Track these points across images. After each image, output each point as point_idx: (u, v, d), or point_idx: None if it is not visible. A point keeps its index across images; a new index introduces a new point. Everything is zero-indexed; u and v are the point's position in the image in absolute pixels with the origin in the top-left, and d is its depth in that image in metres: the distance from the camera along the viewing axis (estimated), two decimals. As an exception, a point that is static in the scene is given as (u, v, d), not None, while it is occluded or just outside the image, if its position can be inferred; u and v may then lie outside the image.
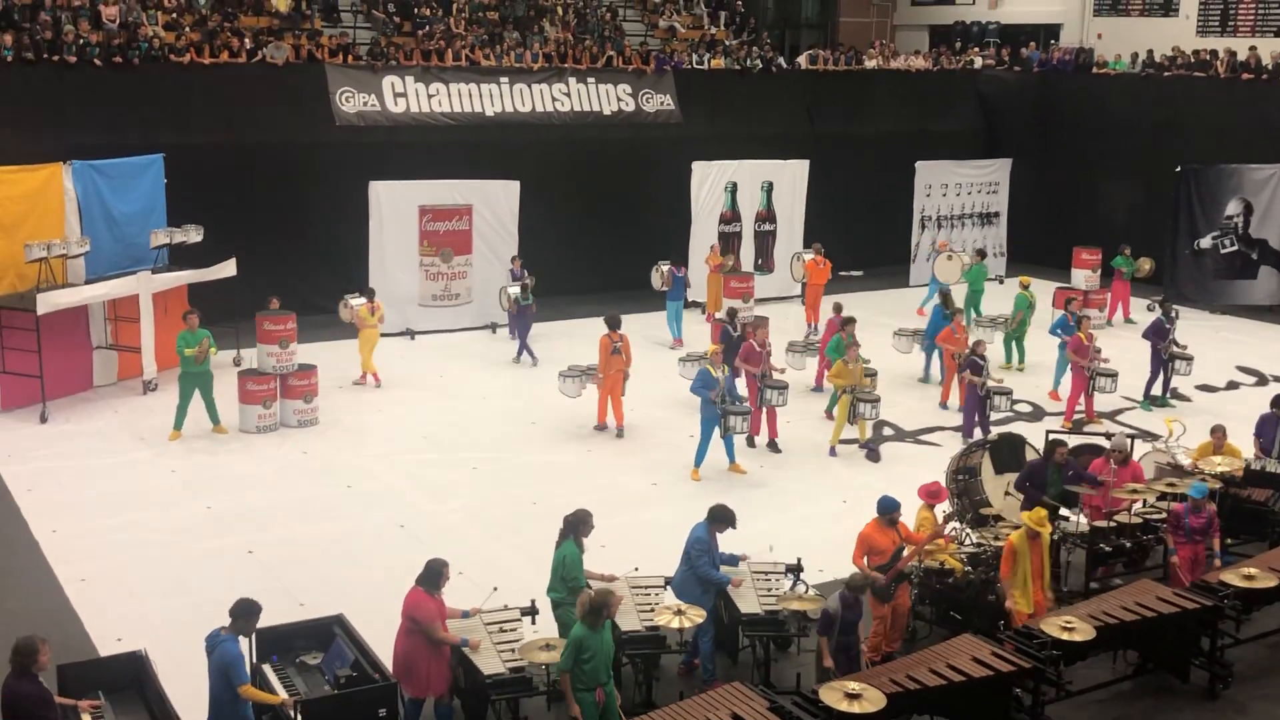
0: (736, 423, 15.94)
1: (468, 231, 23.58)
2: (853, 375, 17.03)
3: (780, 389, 16.80)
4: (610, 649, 9.47)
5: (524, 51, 26.89)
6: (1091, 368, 18.33)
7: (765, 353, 17.13)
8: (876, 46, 32.60)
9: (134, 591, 12.49)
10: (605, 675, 9.37)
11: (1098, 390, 18.51)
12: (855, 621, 10.27)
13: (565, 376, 18.12)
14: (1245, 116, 27.35)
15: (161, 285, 19.47)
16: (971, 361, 17.55)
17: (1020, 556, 11.01)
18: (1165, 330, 19.55)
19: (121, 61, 22.51)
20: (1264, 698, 10.98)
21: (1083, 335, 18.54)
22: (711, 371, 16.07)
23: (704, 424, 16.05)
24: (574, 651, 9.29)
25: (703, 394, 16.01)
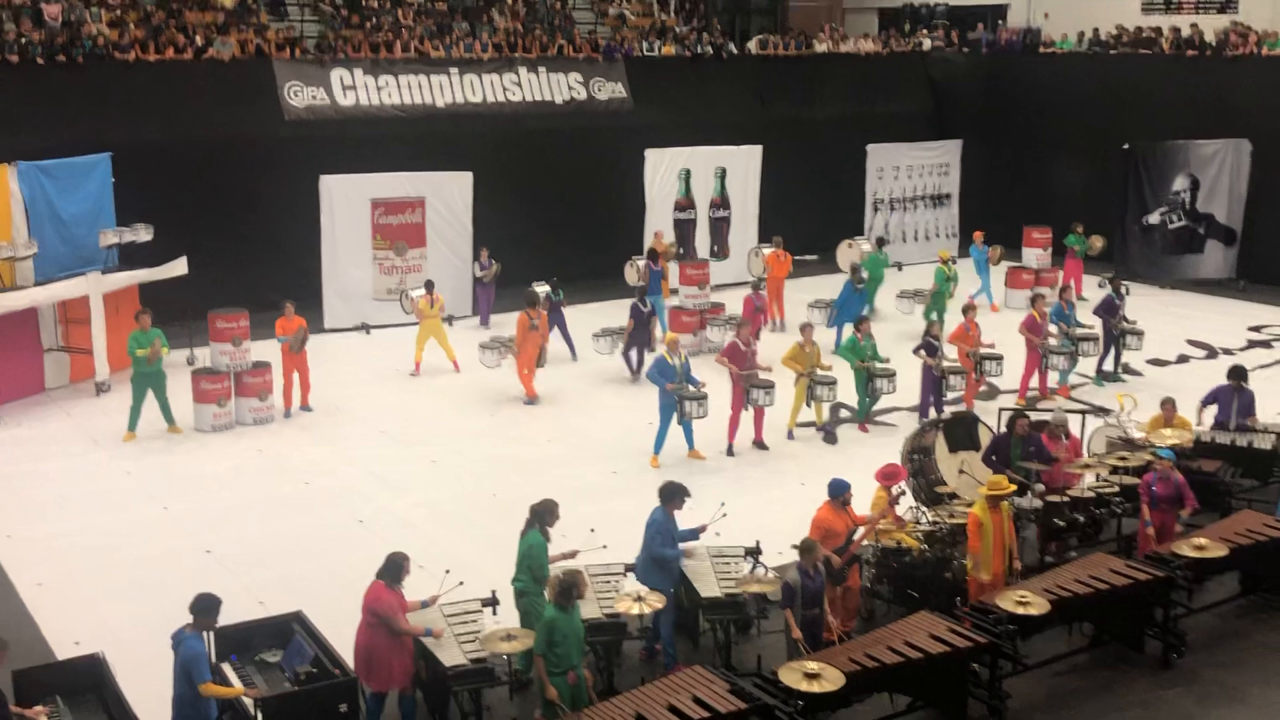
0: (693, 408, 15.92)
1: (421, 224, 23.48)
2: (808, 359, 17.07)
3: (767, 389, 16.49)
4: (581, 631, 9.51)
5: (473, 42, 26.78)
6: (1045, 345, 18.47)
7: (751, 352, 16.95)
8: (826, 30, 32.69)
9: (91, 595, 12.41)
10: (577, 657, 9.41)
11: (1051, 368, 18.66)
12: (818, 592, 10.32)
13: (485, 348, 19.16)
14: (1191, 93, 27.68)
15: (112, 286, 19.28)
16: (926, 343, 17.64)
17: (985, 528, 11.13)
18: (1115, 306, 19.77)
19: (65, 60, 22.25)
20: (1217, 665, 11.17)
21: (1035, 313, 18.69)
22: (668, 359, 16.07)
23: (662, 411, 16.06)
24: (546, 634, 9.31)
25: (659, 382, 16.02)
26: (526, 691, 10.51)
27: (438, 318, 20.24)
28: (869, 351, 17.48)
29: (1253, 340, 22.52)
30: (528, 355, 18.50)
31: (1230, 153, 26.58)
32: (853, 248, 24.90)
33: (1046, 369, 18.68)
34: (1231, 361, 16.74)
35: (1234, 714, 10.43)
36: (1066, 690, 10.75)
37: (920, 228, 29.67)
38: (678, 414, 15.98)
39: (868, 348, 17.50)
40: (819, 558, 10.46)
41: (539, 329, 18.51)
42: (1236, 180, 26.68)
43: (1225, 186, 26.72)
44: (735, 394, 16.55)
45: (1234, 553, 11.69)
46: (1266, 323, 23.80)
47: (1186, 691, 10.74)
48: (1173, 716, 10.37)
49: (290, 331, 17.91)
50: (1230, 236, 26.90)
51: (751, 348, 16.92)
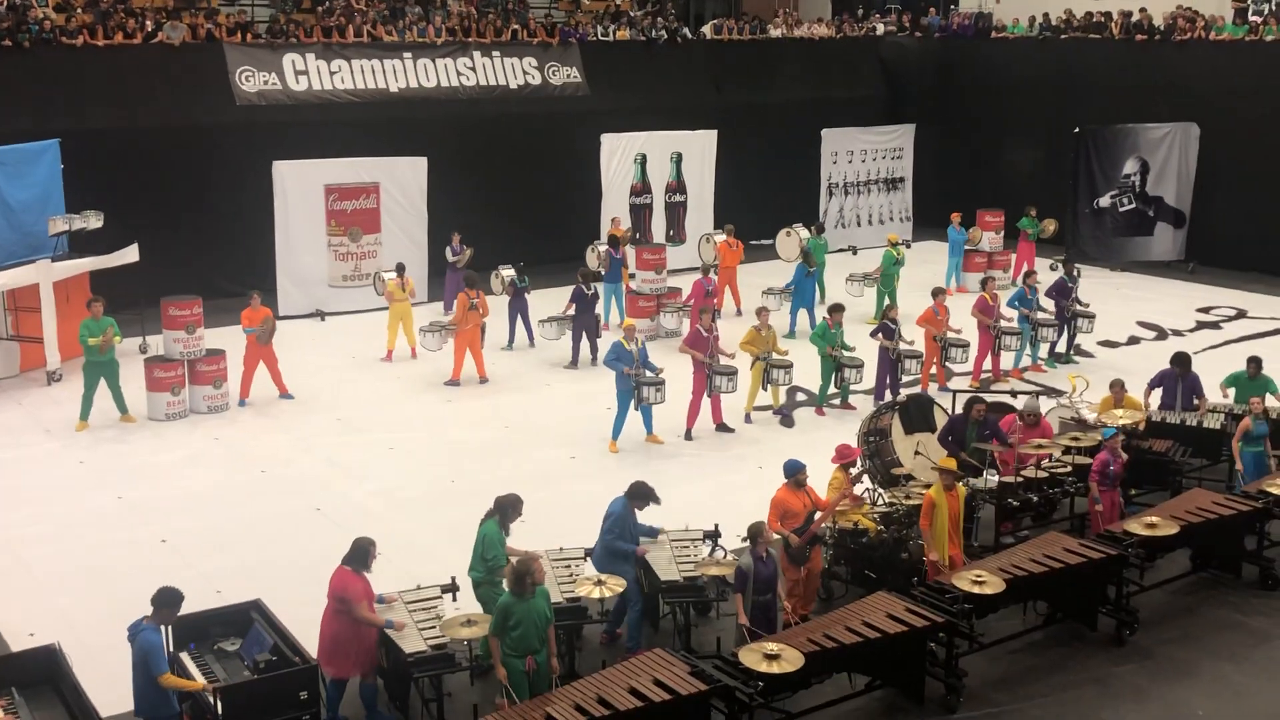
0: (651, 393, 15.95)
1: (376, 210, 23.34)
2: (765, 342, 17.13)
3: (729, 375, 16.50)
4: (542, 617, 9.45)
5: (426, 26, 26.61)
6: (996, 326, 18.66)
7: (713, 338, 16.92)
8: (780, 15, 32.76)
9: (45, 585, 12.29)
10: (536, 643, 9.39)
11: (1004, 349, 18.87)
12: (770, 578, 10.39)
13: (425, 331, 19.38)
14: (1140, 77, 27.98)
15: (62, 273, 19.04)
16: (883, 326, 17.76)
17: (939, 509, 11.24)
18: (1068, 289, 19.96)
19: (11, 45, 21.91)
20: (1168, 641, 11.35)
21: (987, 295, 18.88)
22: (625, 344, 16.09)
23: (620, 396, 16.08)
24: (501, 618, 9.33)
25: (616, 367, 16.03)
26: (488, 677, 10.53)
27: (407, 301, 20.14)
28: (838, 339, 17.58)
29: (1201, 321, 22.84)
30: (466, 335, 18.64)
31: (1179, 136, 26.90)
32: (791, 236, 24.86)
33: (999, 351, 18.84)
34: (1180, 343, 17.00)
35: (1186, 688, 10.60)
36: (1022, 668, 10.88)
37: (875, 211, 29.83)
38: (635, 399, 15.99)
39: (837, 335, 17.59)
40: (769, 541, 10.51)
41: (478, 308, 18.66)
42: (1185, 163, 27.02)
43: (1174, 169, 27.05)
44: (697, 380, 16.55)
45: (1184, 530, 11.88)
46: (1215, 304, 24.14)
47: (1139, 667, 10.90)
48: (1126, 692, 10.52)
49: (256, 322, 17.75)
50: (1179, 219, 27.24)
51: (714, 333, 16.96)
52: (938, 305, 18.50)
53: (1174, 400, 15.24)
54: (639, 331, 16.81)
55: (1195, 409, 15.00)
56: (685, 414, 16.58)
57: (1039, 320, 19.35)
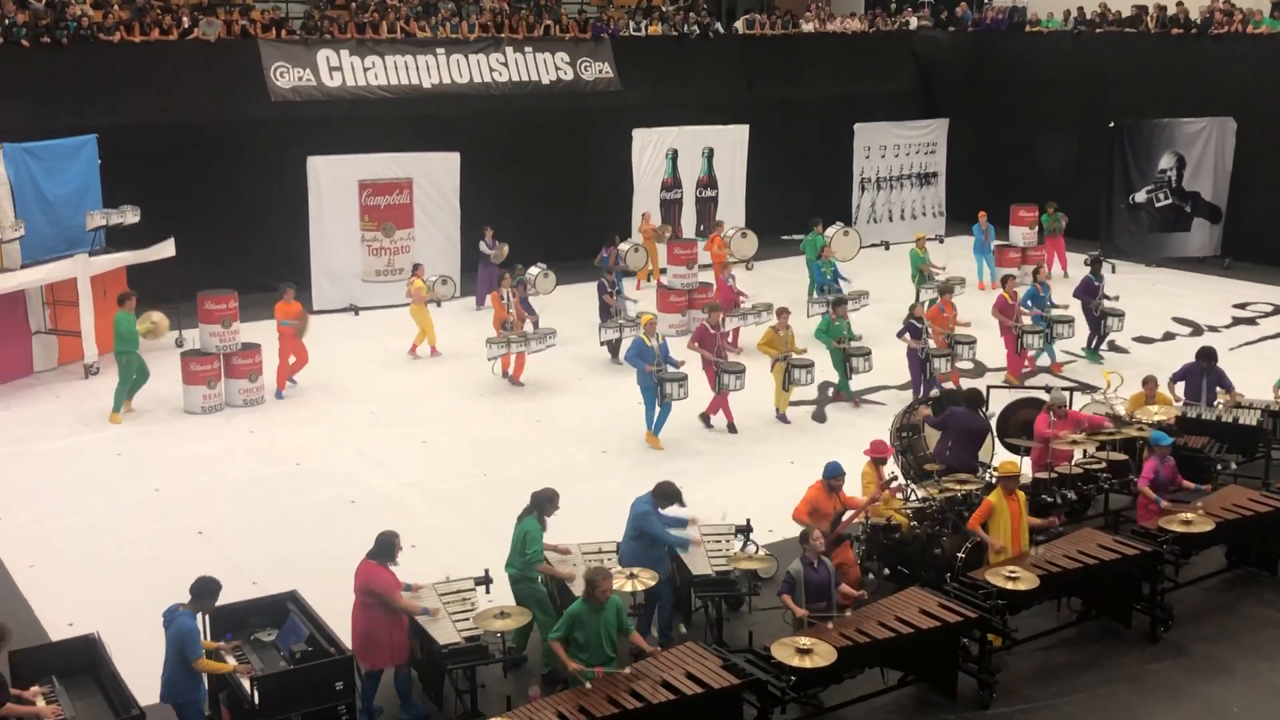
0: (674, 389, 15.81)
1: (409, 205, 23.44)
2: (783, 343, 16.96)
3: (737, 373, 16.39)
4: (611, 630, 9.34)
5: (459, 22, 26.70)
6: (1018, 326, 18.41)
7: (721, 334, 16.88)
8: (812, 10, 32.66)
9: (84, 575, 12.43)
10: (602, 656, 9.24)
11: (1027, 349, 18.57)
12: (823, 585, 10.22)
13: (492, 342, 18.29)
14: (1176, 71, 27.74)
15: (99, 268, 19.24)
16: (910, 325, 17.54)
17: (997, 513, 11.12)
18: (1095, 288, 19.70)
19: (50, 42, 22.14)
20: (1203, 639, 11.27)
21: (1006, 294, 18.66)
22: (645, 340, 16.01)
23: (644, 393, 16.02)
24: (567, 624, 9.29)
25: (637, 364, 15.96)
26: (520, 669, 10.59)
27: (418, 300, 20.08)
28: (844, 331, 17.54)
29: (1237, 317, 22.65)
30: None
31: (1215, 131, 26.66)
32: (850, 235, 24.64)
33: (1023, 350, 18.55)
34: (1216, 339, 16.87)
35: (1221, 686, 10.54)
36: (1055, 664, 10.84)
37: (907, 207, 29.70)
38: (658, 396, 15.90)
39: (843, 328, 17.56)
40: (820, 545, 10.35)
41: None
42: (1222, 158, 26.77)
43: (1211, 164, 26.80)
44: (708, 377, 16.59)
45: (1220, 527, 11.79)
46: (1251, 300, 23.93)
47: (1174, 664, 10.84)
48: (1160, 689, 10.47)
49: (292, 316, 17.93)
50: (1216, 214, 27.00)
51: (722, 330, 16.94)
52: (944, 303, 18.32)
53: (1199, 394, 15.11)
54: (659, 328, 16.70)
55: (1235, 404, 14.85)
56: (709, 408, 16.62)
57: (1054, 318, 19.02)
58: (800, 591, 10.10)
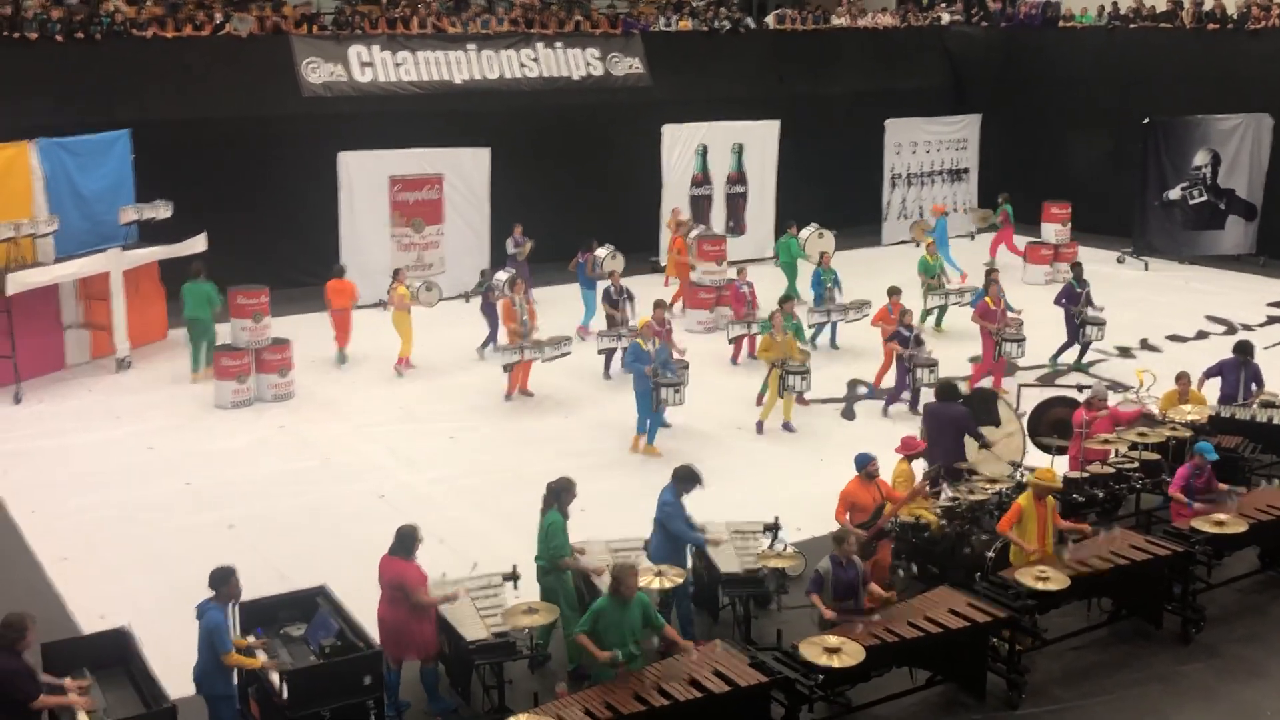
0: (670, 394, 15.49)
1: (439, 201, 23.51)
2: (781, 348, 16.52)
3: (675, 387, 15.72)
4: (636, 627, 9.33)
5: (490, 18, 26.75)
6: (999, 333, 17.70)
7: (666, 331, 16.33)
8: (844, 4, 32.55)
9: (115, 569, 12.53)
10: (625, 653, 9.22)
11: (1005, 356, 17.74)
12: (851, 583, 10.20)
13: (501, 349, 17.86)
14: (1212, 67, 27.47)
15: (132, 262, 19.36)
16: (897, 333, 17.11)
17: (1026, 517, 11.05)
18: (1077, 294, 18.97)
19: (84, 37, 22.31)
20: (1235, 640, 11.18)
21: (989, 299, 17.99)
22: (642, 344, 15.68)
23: (639, 398, 15.65)
24: (592, 619, 9.28)
25: (635, 368, 15.59)
26: (547, 666, 10.61)
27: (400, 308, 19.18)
28: (791, 331, 16.97)
29: (1273, 316, 22.42)
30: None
31: (1251, 127, 26.40)
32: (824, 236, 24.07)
33: (1000, 357, 17.68)
34: (1250, 338, 16.66)
35: (1254, 689, 10.45)
36: (1085, 665, 10.78)
37: (939, 202, 29.53)
38: (654, 401, 15.52)
39: (790, 327, 16.97)
40: (852, 547, 10.33)
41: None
42: (1258, 155, 26.51)
43: (1246, 161, 26.56)
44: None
45: (1253, 528, 11.68)
46: (1287, 298, 23.72)
47: (1205, 666, 10.76)
48: (1192, 691, 10.39)
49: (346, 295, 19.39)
50: (1251, 212, 26.75)
51: (667, 327, 16.53)
52: (892, 304, 17.91)
53: (1235, 389, 14.93)
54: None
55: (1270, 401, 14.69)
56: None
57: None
58: (828, 590, 10.08)
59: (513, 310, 17.79)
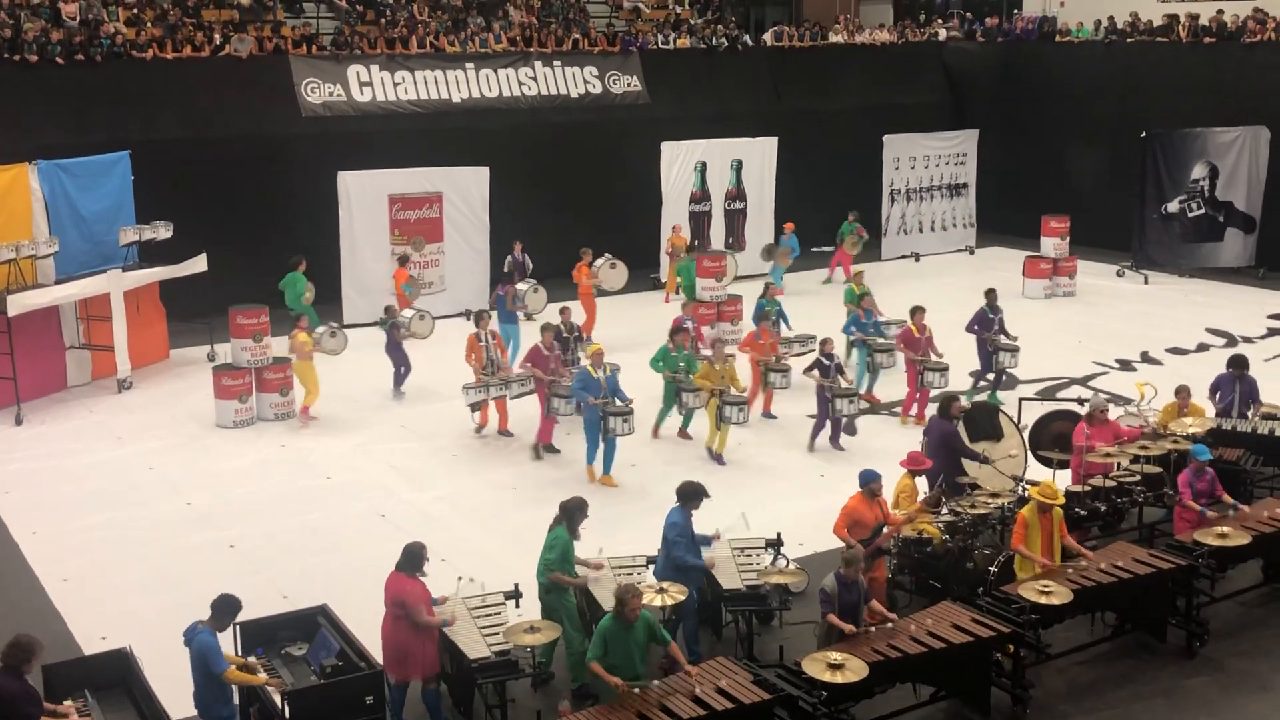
0: (618, 424, 14.90)
1: (439, 219, 23.54)
2: (718, 376, 16.01)
3: (567, 398, 15.48)
4: (641, 647, 9.30)
5: (488, 36, 26.83)
6: (922, 361, 17.17)
7: (554, 356, 16.05)
8: (841, 21, 32.66)
9: (117, 589, 12.50)
10: (630, 673, 9.20)
11: (928, 385, 17.11)
12: (855, 604, 10.14)
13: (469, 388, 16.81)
14: (1209, 80, 27.56)
15: (132, 283, 19.39)
16: (818, 362, 16.45)
17: (1031, 529, 11.05)
18: (989, 320, 18.22)
19: (84, 59, 22.37)
20: (1240, 654, 11.15)
21: (913, 327, 17.40)
22: (592, 372, 15.22)
23: (587, 427, 15.23)
24: (601, 644, 9.23)
25: (582, 397, 15.09)
26: (549, 685, 10.58)
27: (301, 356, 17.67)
28: (681, 363, 16.35)
29: (1273, 328, 22.42)
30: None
31: (1249, 140, 26.46)
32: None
33: (924, 387, 17.11)
34: (1250, 350, 16.69)
35: (1260, 702, 10.41)
36: (1089, 679, 10.74)
37: (937, 218, 29.62)
38: (601, 430, 14.96)
39: (680, 359, 16.37)
40: (860, 570, 10.25)
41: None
42: (1256, 167, 26.57)
43: (1244, 174, 26.60)
44: (539, 399, 16.01)
45: (1256, 540, 11.67)
46: (1287, 310, 23.72)
47: (1210, 680, 10.72)
48: (1196, 705, 10.35)
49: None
50: (1249, 224, 26.79)
51: (555, 352, 16.16)
52: (761, 330, 17.54)
53: (1231, 403, 14.94)
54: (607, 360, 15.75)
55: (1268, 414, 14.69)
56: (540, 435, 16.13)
57: (878, 346, 18.01)
58: (836, 608, 10.05)
59: (477, 346, 16.88)
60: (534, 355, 16.31)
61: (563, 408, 15.71)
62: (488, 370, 16.82)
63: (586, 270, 22.07)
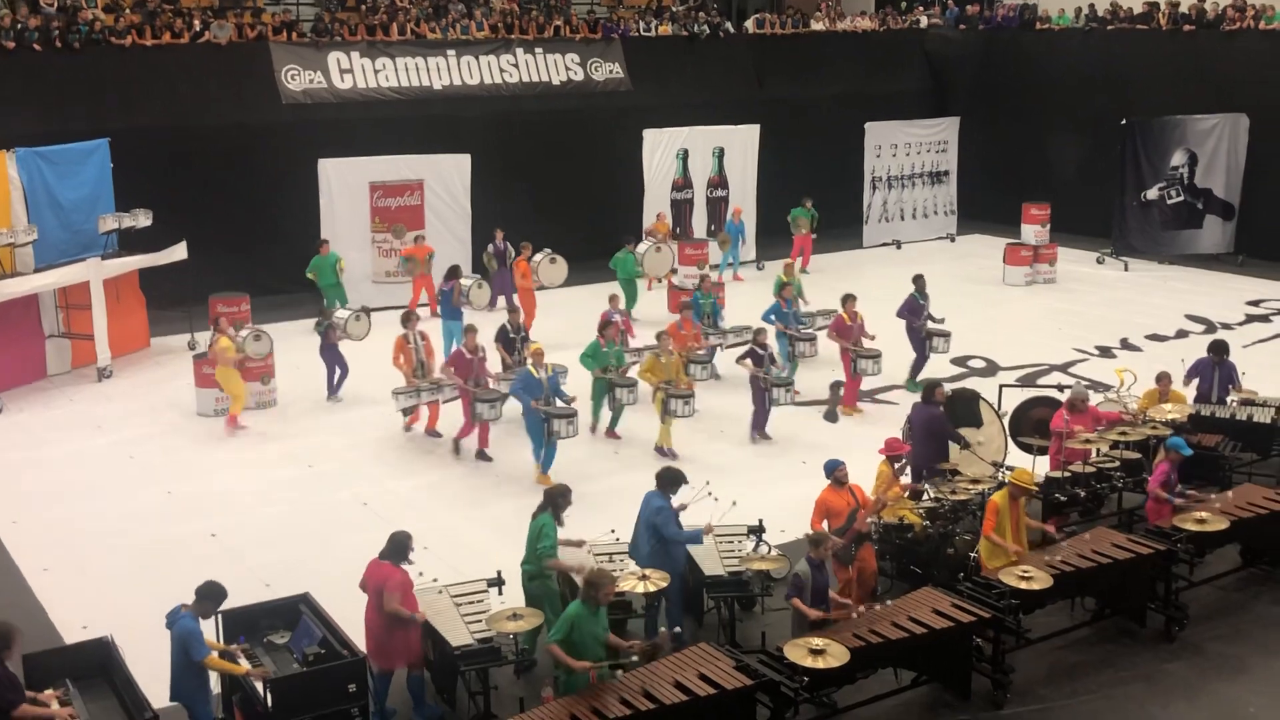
0: (561, 426, 14.53)
1: (419, 207, 23.50)
2: (665, 370, 15.79)
3: (492, 402, 15.16)
4: (601, 635, 9.31)
5: (469, 23, 26.73)
6: (855, 350, 17.19)
7: (479, 360, 15.49)
8: (823, 8, 32.63)
9: (98, 579, 12.47)
10: (593, 657, 9.20)
11: (860, 373, 17.20)
12: (825, 587, 10.24)
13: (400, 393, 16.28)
14: (1188, 68, 27.67)
15: (112, 271, 19.30)
16: (752, 352, 16.46)
17: (1001, 514, 11.11)
18: (920, 307, 18.25)
19: (62, 46, 22.21)
20: (1218, 638, 11.23)
21: (845, 315, 17.35)
22: (533, 372, 14.75)
23: (530, 430, 14.80)
24: (566, 627, 9.20)
25: (523, 399, 14.65)
26: (532, 671, 10.59)
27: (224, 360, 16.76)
28: (613, 359, 16.14)
29: (1251, 315, 22.57)
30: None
31: (1228, 127, 26.59)
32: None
33: (857, 375, 17.17)
34: (1229, 337, 16.78)
35: (1236, 685, 10.49)
36: (1069, 664, 10.81)
37: (919, 205, 29.67)
38: (545, 433, 14.61)
39: (610, 355, 16.11)
40: (829, 550, 10.37)
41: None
42: (1235, 155, 26.71)
43: (1223, 161, 26.74)
44: (464, 403, 15.58)
45: (1234, 526, 11.74)
46: (1265, 297, 23.85)
47: (1188, 664, 10.81)
48: (1175, 689, 10.43)
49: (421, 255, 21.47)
50: (1229, 211, 26.93)
51: (479, 355, 15.57)
52: (683, 321, 17.29)
53: (1210, 389, 15.02)
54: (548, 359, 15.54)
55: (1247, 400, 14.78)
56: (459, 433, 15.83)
57: (799, 336, 17.86)
58: (807, 594, 10.10)
59: (406, 348, 16.24)
60: (456, 359, 15.71)
61: (486, 413, 15.15)
62: (417, 373, 16.22)
63: (525, 265, 21.41)
